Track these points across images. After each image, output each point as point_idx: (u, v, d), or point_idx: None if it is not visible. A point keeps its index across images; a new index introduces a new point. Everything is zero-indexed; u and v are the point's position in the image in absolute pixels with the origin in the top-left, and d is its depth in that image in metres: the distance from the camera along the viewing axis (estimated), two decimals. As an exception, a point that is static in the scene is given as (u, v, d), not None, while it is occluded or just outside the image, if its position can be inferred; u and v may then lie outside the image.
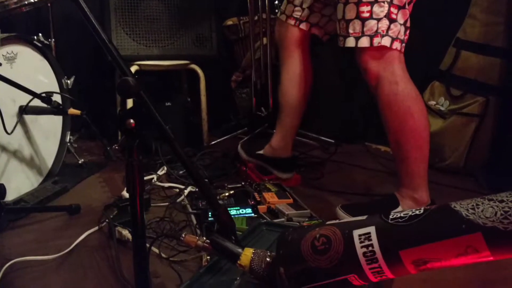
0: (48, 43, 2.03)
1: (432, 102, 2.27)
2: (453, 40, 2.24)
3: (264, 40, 2.61)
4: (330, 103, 2.64)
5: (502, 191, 1.91)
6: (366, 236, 0.71)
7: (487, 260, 0.65)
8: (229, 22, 2.90)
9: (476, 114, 2.09)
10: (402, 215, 0.71)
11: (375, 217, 0.74)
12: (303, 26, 1.81)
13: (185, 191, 1.79)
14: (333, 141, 2.53)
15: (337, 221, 0.80)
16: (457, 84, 2.19)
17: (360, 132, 2.64)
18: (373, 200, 1.66)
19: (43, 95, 1.72)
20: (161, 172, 2.03)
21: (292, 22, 1.82)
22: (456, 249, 0.66)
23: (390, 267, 0.70)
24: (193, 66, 2.45)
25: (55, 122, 2.05)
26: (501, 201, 0.65)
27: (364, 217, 0.76)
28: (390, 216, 0.72)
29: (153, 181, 1.97)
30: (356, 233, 0.73)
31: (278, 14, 1.91)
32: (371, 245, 0.71)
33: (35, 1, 1.90)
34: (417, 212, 0.71)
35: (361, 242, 0.71)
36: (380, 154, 2.40)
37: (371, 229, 0.72)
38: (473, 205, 0.66)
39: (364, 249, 0.71)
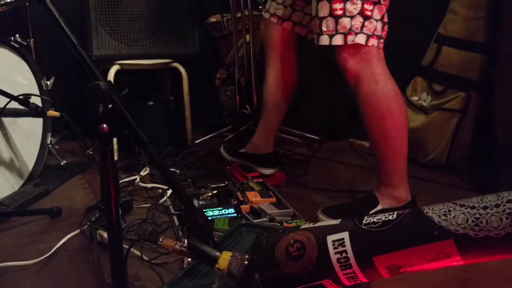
0: (26, 43, 2.00)
1: (415, 98, 2.29)
2: (435, 35, 2.25)
3: (247, 37, 2.59)
4: (314, 99, 2.63)
5: (483, 186, 1.92)
6: (340, 242, 0.71)
7: (458, 264, 0.66)
8: (212, 19, 2.88)
9: (457, 109, 2.10)
10: (375, 220, 0.71)
11: (349, 221, 0.74)
12: (286, 24, 1.80)
13: (168, 192, 1.78)
14: (317, 137, 2.53)
15: (312, 224, 0.80)
16: (439, 80, 2.21)
17: (345, 128, 2.65)
18: (353, 201, 1.67)
19: (21, 97, 1.69)
20: (144, 172, 2.02)
21: (275, 20, 1.81)
22: (429, 255, 0.66)
23: (364, 273, 0.70)
24: (176, 64, 2.42)
25: (35, 124, 2.02)
26: (473, 207, 0.65)
27: (338, 221, 0.76)
28: (364, 221, 0.72)
29: (136, 182, 1.95)
30: (330, 239, 0.73)
31: (263, 12, 1.90)
32: (345, 251, 0.71)
33: (12, 1, 1.87)
34: (390, 217, 0.71)
35: (335, 248, 0.72)
36: (364, 150, 2.40)
37: (345, 235, 0.72)
38: (445, 211, 0.67)
39: (338, 255, 0.71)
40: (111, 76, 2.20)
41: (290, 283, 0.76)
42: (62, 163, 2.13)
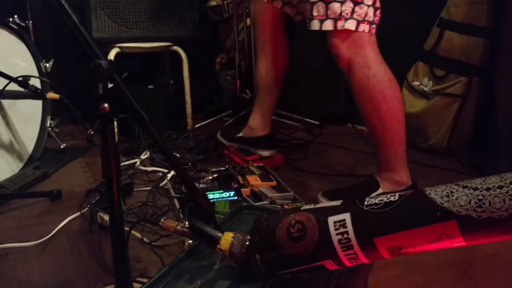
0: (24, 25, 1.98)
1: (416, 83, 2.27)
2: (437, 20, 2.23)
3: (248, 21, 2.57)
4: (314, 84, 2.62)
5: (483, 172, 1.95)
6: (341, 223, 0.71)
7: (460, 245, 0.66)
8: (213, 3, 2.86)
9: (459, 94, 2.09)
10: (377, 201, 0.71)
11: (351, 203, 0.74)
12: (276, 3, 1.78)
13: (168, 175, 1.77)
14: (317, 122, 2.52)
15: (312, 206, 0.80)
16: (441, 64, 2.19)
17: (345, 113, 2.64)
18: (354, 184, 1.67)
19: (20, 79, 1.68)
20: (144, 156, 2.01)
21: None
22: (430, 236, 0.66)
23: (365, 254, 0.70)
24: (176, 48, 2.41)
25: (34, 107, 2.01)
26: (475, 189, 0.65)
27: (339, 203, 0.76)
28: (365, 203, 0.72)
29: (136, 165, 1.95)
30: (331, 220, 0.72)
31: None
32: (346, 232, 0.70)
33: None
34: (392, 198, 0.70)
35: (336, 229, 0.71)
36: (364, 135, 2.39)
37: (346, 216, 0.71)
38: (447, 192, 0.66)
39: (339, 236, 0.71)
40: (110, 59, 2.18)
41: (291, 264, 0.76)
42: (61, 147, 2.13)
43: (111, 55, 2.20)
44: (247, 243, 0.85)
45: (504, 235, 0.64)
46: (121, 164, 1.93)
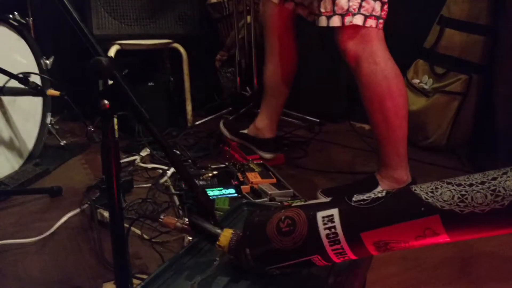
0: (25, 22, 1.98)
1: (416, 81, 2.27)
2: (437, 17, 2.23)
3: (248, 18, 2.57)
4: (315, 82, 2.62)
5: (483, 169, 1.95)
6: (329, 218, 0.72)
7: (445, 242, 0.67)
8: (213, 0, 2.85)
9: (458, 92, 2.10)
10: (365, 197, 0.73)
11: (340, 199, 0.75)
12: (287, 5, 1.78)
13: (168, 172, 1.78)
14: (317, 120, 2.52)
15: (303, 203, 0.81)
16: (441, 62, 2.19)
17: (345, 111, 2.64)
18: (353, 182, 1.67)
19: (20, 75, 1.68)
20: (144, 153, 2.01)
21: (276, 0, 1.79)
22: (415, 231, 0.67)
23: (352, 249, 0.71)
24: (176, 45, 2.41)
25: (35, 104, 2.01)
26: (459, 185, 0.66)
27: (328, 199, 0.77)
28: (353, 199, 0.73)
29: (136, 162, 1.95)
30: (319, 215, 0.73)
31: None
32: (334, 227, 0.71)
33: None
34: (379, 195, 0.72)
35: (324, 224, 0.72)
36: (364, 133, 2.39)
37: (334, 211, 0.73)
38: (432, 189, 0.68)
39: (327, 231, 0.72)
40: (111, 55, 2.18)
41: (280, 258, 0.77)
42: (62, 143, 2.13)
43: (111, 52, 2.20)
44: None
45: (486, 231, 0.65)
46: (121, 161, 1.93)
